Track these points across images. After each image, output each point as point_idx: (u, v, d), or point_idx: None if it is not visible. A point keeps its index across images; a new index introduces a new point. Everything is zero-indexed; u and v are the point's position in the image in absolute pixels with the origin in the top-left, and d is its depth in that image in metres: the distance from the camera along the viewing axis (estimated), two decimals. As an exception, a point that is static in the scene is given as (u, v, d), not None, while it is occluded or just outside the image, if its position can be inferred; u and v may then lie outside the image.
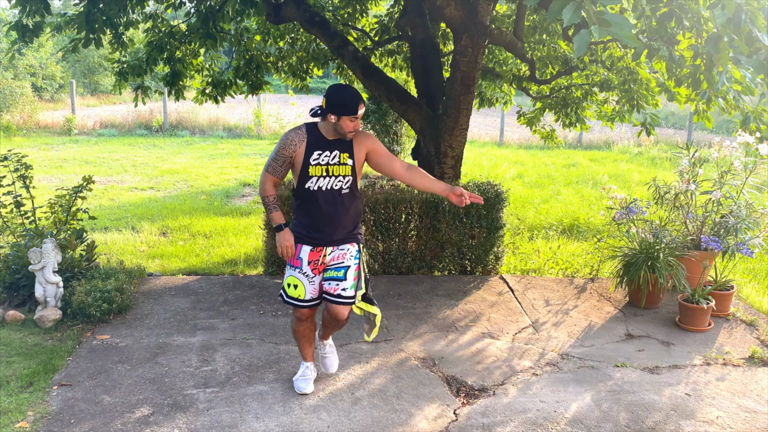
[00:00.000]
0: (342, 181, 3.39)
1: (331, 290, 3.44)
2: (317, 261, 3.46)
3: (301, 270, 3.45)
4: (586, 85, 7.36)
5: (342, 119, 3.29)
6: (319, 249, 3.45)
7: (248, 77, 7.58)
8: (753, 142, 5.04)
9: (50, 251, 4.54)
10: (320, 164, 3.36)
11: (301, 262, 3.45)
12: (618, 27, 2.32)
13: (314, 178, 3.36)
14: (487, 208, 5.54)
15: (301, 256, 3.45)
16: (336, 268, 3.44)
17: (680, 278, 4.86)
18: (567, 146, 15.54)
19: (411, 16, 6.16)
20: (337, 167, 3.37)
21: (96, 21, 5.57)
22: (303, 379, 3.68)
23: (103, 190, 9.37)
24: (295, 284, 3.46)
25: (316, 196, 3.38)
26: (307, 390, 3.63)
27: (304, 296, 3.47)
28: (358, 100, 3.29)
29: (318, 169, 3.36)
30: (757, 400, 3.72)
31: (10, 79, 16.57)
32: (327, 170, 3.37)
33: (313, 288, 3.47)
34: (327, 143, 3.37)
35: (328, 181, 3.38)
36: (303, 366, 3.73)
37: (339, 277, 3.43)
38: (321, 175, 3.36)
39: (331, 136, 3.37)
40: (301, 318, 3.56)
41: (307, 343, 3.68)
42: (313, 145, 3.36)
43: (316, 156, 3.36)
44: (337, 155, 3.37)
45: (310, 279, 3.46)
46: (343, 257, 3.45)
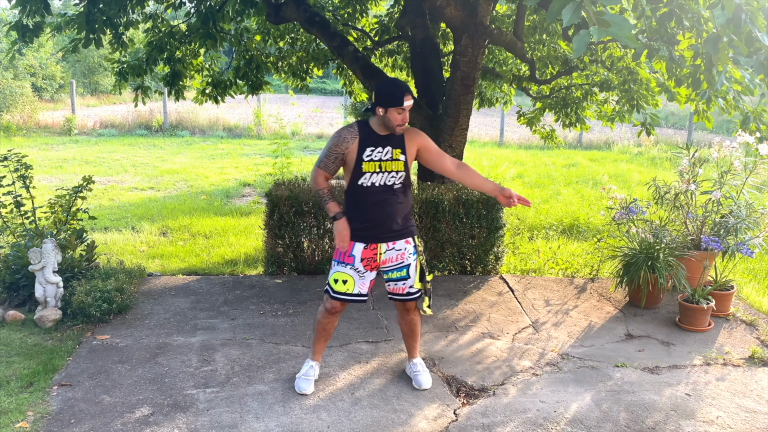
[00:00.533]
0: (395, 176, 3.42)
1: (398, 290, 3.55)
2: (371, 258, 3.48)
3: (353, 267, 3.47)
4: (586, 85, 7.36)
5: (389, 111, 3.32)
6: (373, 247, 3.46)
7: (248, 77, 7.58)
8: (753, 142, 5.04)
9: (50, 251, 4.54)
10: (373, 160, 3.39)
11: (354, 259, 3.47)
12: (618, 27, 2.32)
13: (368, 174, 3.39)
14: (487, 208, 5.54)
15: (353, 254, 3.46)
16: (398, 269, 3.51)
17: (680, 278, 4.86)
18: (567, 146, 15.54)
19: (411, 16, 6.16)
20: (389, 163, 3.40)
21: (96, 21, 5.57)
22: (305, 379, 3.68)
23: (103, 190, 9.37)
24: (344, 279, 3.49)
25: (369, 192, 3.41)
26: (307, 390, 3.63)
27: (352, 290, 3.50)
28: (404, 91, 3.31)
29: (371, 165, 3.39)
30: (757, 400, 3.72)
31: (10, 79, 16.58)
32: (380, 166, 3.39)
33: (362, 283, 3.51)
34: (379, 139, 3.40)
35: (381, 177, 3.40)
36: (307, 364, 3.73)
37: (403, 276, 3.52)
38: (374, 171, 3.39)
39: (383, 132, 3.40)
40: (332, 310, 3.58)
41: (323, 338, 3.71)
42: (365, 141, 3.39)
43: (369, 152, 3.38)
44: (389, 151, 3.41)
45: (362, 275, 3.49)
46: (402, 257, 3.50)
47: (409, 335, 3.78)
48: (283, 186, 5.64)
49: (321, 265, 5.61)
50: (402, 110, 3.31)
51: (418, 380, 3.75)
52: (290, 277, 5.55)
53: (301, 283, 5.41)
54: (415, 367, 3.80)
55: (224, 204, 8.78)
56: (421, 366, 3.81)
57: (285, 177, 8.75)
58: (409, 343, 3.81)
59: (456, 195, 5.50)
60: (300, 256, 5.59)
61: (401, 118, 3.33)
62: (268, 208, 5.52)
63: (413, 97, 3.36)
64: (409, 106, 3.33)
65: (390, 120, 3.34)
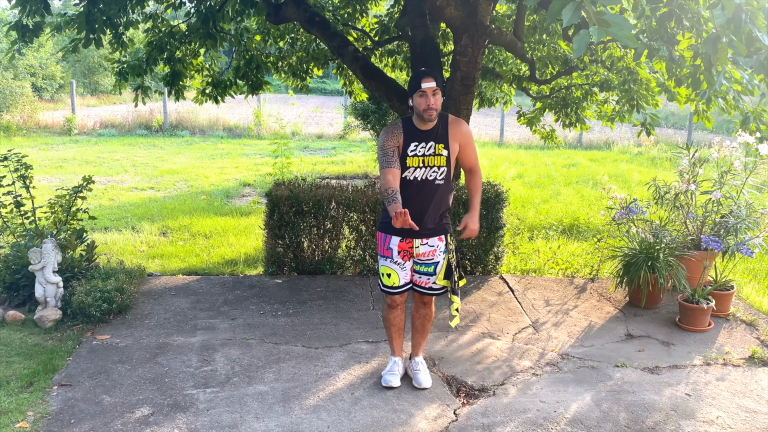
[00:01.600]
0: (437, 171, 3.45)
1: (422, 283, 3.62)
2: (407, 251, 3.53)
3: (392, 259, 3.54)
4: (586, 85, 7.36)
5: (414, 99, 3.36)
6: (408, 240, 3.51)
7: (248, 77, 7.58)
8: (753, 142, 5.04)
9: (50, 251, 4.54)
10: (417, 155, 3.42)
11: (392, 252, 3.53)
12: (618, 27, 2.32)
13: (411, 168, 3.43)
14: (487, 208, 5.54)
15: (391, 247, 3.52)
16: (427, 264, 3.57)
17: (680, 278, 4.86)
18: (567, 146, 15.54)
19: (411, 16, 6.16)
20: (432, 158, 3.43)
21: (96, 21, 5.57)
22: (390, 373, 3.76)
23: (103, 190, 9.37)
24: (389, 273, 3.56)
25: (411, 185, 3.44)
26: (393, 383, 3.71)
27: (398, 282, 3.57)
28: (422, 74, 3.33)
29: (415, 160, 3.42)
30: (757, 400, 3.72)
31: (10, 79, 16.57)
32: (423, 161, 3.42)
33: (405, 273, 3.58)
34: (421, 134, 3.43)
35: (423, 172, 3.43)
36: (391, 361, 3.82)
37: (429, 272, 3.58)
38: (417, 165, 3.42)
39: (423, 126, 3.42)
40: (392, 305, 3.66)
41: (397, 333, 3.76)
42: (409, 137, 3.43)
43: (413, 147, 3.42)
44: (432, 146, 3.43)
45: (402, 266, 3.56)
46: (433, 254, 3.55)
47: (419, 330, 3.80)
48: (283, 186, 5.64)
49: (321, 265, 5.61)
50: (423, 93, 3.31)
51: (418, 379, 3.76)
52: (290, 277, 5.55)
53: (301, 283, 5.41)
54: (416, 366, 3.81)
55: (224, 204, 8.78)
56: (422, 365, 3.82)
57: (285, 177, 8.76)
58: (417, 339, 3.83)
59: (456, 195, 5.49)
60: (300, 256, 5.59)
61: (424, 102, 3.33)
62: (268, 208, 5.52)
63: (436, 79, 3.32)
64: (430, 88, 3.30)
65: (417, 107, 3.36)
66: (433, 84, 3.31)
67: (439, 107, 3.38)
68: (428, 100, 3.32)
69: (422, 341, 3.83)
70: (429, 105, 3.33)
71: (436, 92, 3.33)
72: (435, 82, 3.31)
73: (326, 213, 5.47)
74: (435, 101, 3.33)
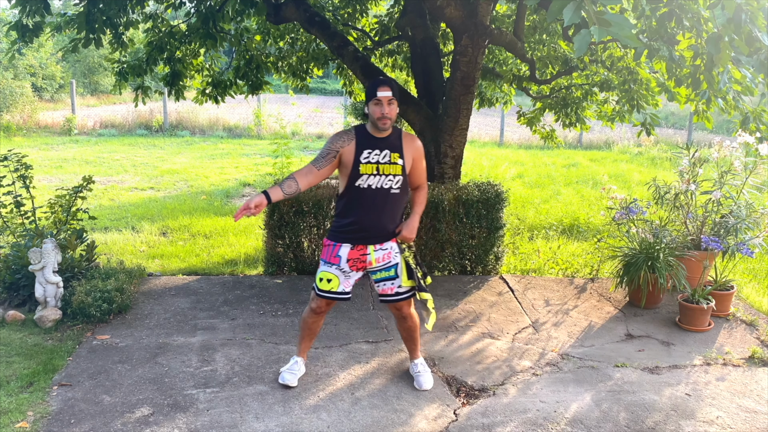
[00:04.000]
0: (392, 180, 3.41)
1: (387, 291, 3.53)
2: (357, 259, 3.47)
3: (338, 267, 3.48)
4: (586, 85, 7.36)
5: (369, 106, 3.35)
6: (360, 248, 3.46)
7: (248, 77, 7.58)
8: (753, 142, 5.04)
9: (50, 251, 4.54)
10: (371, 162, 3.38)
11: (340, 259, 3.47)
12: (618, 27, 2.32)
13: (365, 176, 3.38)
14: (487, 208, 5.54)
15: (339, 254, 3.46)
16: (386, 269, 3.50)
17: (680, 278, 4.86)
18: (567, 146, 15.54)
19: (411, 16, 6.16)
20: (387, 166, 3.39)
21: (96, 21, 5.57)
22: (290, 372, 3.71)
23: (103, 190, 9.37)
24: (329, 278, 3.49)
25: (365, 194, 3.40)
26: (290, 383, 3.66)
27: (337, 288, 3.51)
28: (379, 83, 3.32)
29: (369, 167, 3.38)
30: (757, 400, 3.72)
31: (10, 79, 16.57)
32: (378, 168, 3.39)
33: (347, 281, 3.52)
34: (376, 142, 3.41)
35: (378, 180, 3.39)
36: (293, 360, 3.78)
37: (391, 276, 3.50)
38: (372, 173, 3.38)
39: (378, 134, 3.40)
40: (317, 310, 3.60)
41: (308, 336, 3.73)
42: (362, 144, 3.39)
43: (366, 154, 3.38)
44: (387, 154, 3.40)
45: (347, 274, 3.50)
46: (389, 256, 3.50)
47: (408, 340, 3.78)
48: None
49: (321, 265, 5.61)
50: (378, 101, 3.30)
51: (419, 381, 3.74)
52: (290, 277, 5.55)
53: (301, 283, 5.41)
54: (416, 368, 3.80)
55: (224, 204, 8.77)
56: (423, 367, 3.81)
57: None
58: (409, 347, 3.83)
59: (456, 195, 5.50)
60: (300, 256, 5.59)
61: (379, 110, 3.31)
62: (268, 208, 5.52)
63: (392, 88, 3.32)
64: (385, 97, 3.30)
65: (371, 114, 3.35)
66: (389, 93, 3.30)
67: (394, 117, 3.36)
68: (383, 109, 3.31)
69: (415, 346, 3.80)
70: (384, 113, 3.31)
71: (392, 101, 3.32)
72: (391, 91, 3.31)
73: (326, 213, 5.47)
74: (390, 110, 3.32)
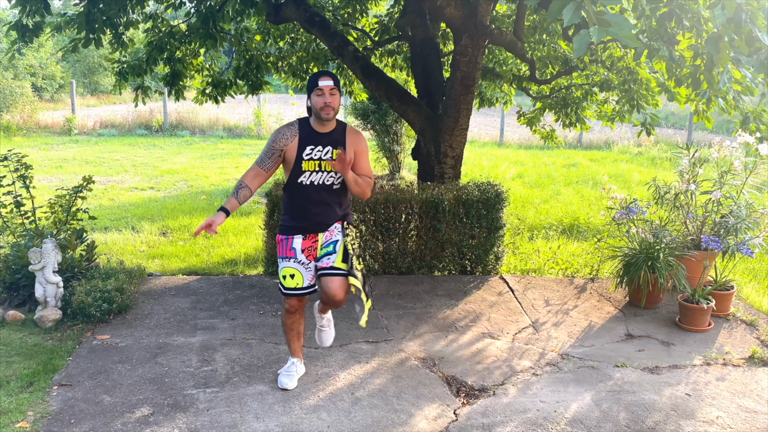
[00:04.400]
0: (333, 176, 3.43)
1: (324, 264, 3.47)
2: (311, 248, 3.50)
3: (296, 259, 3.49)
4: (586, 85, 7.36)
5: (312, 98, 3.35)
6: (312, 236, 3.50)
7: (248, 77, 7.58)
8: (753, 142, 5.04)
9: (50, 251, 4.54)
10: (313, 159, 3.40)
11: (295, 252, 3.48)
12: (618, 27, 2.32)
13: (307, 172, 3.41)
14: (487, 208, 5.54)
15: (294, 247, 3.48)
16: (326, 245, 3.49)
17: (680, 278, 4.86)
18: (567, 146, 15.54)
19: (411, 16, 6.16)
20: (329, 162, 3.40)
21: (96, 21, 5.57)
22: (287, 375, 3.71)
23: (103, 190, 9.37)
24: (292, 274, 3.48)
25: (307, 190, 3.43)
26: (288, 386, 3.65)
27: (302, 284, 3.50)
28: (319, 74, 3.35)
29: (311, 164, 3.40)
30: (757, 400, 3.72)
31: (10, 79, 16.57)
32: (319, 165, 3.41)
33: (310, 274, 3.51)
34: (319, 137, 3.41)
35: (320, 176, 3.42)
36: (289, 361, 3.77)
37: (329, 252, 3.47)
38: (314, 169, 3.41)
39: (321, 129, 3.41)
40: (290, 310, 3.59)
41: (295, 336, 3.72)
42: (305, 140, 3.41)
43: (308, 151, 3.40)
44: (330, 150, 3.41)
45: (306, 266, 3.50)
46: (332, 234, 3.51)
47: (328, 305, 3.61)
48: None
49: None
50: (320, 91, 3.31)
51: (321, 336, 3.79)
52: (290, 277, 5.54)
53: (301, 283, 5.40)
54: (321, 322, 3.78)
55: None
56: (328, 322, 3.79)
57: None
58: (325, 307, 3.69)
59: (456, 195, 5.50)
60: (300, 256, 5.58)
61: (321, 100, 3.32)
62: (268, 208, 5.52)
63: (334, 79, 3.34)
64: (327, 86, 3.31)
65: (314, 106, 3.35)
66: (331, 83, 3.32)
67: (337, 107, 3.37)
68: (325, 98, 3.32)
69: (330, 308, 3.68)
70: (326, 102, 3.32)
71: (333, 91, 3.33)
72: (332, 81, 3.33)
73: None
74: (332, 100, 3.33)
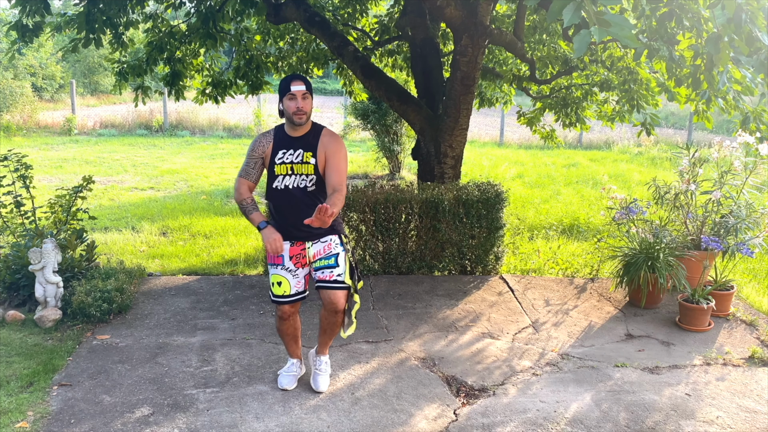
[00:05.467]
0: (306, 179, 3.41)
1: (325, 278, 3.43)
2: (299, 255, 3.48)
3: (283, 266, 3.48)
4: (586, 85, 7.36)
5: (284, 102, 3.35)
6: (299, 243, 3.47)
7: (248, 77, 7.58)
8: (753, 142, 5.04)
9: (50, 251, 4.54)
10: (285, 163, 3.40)
11: (283, 258, 3.47)
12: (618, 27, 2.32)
13: (280, 176, 3.41)
14: (487, 208, 5.54)
15: (281, 254, 3.47)
16: (326, 257, 3.46)
17: (680, 278, 4.86)
18: (567, 146, 15.54)
19: (411, 16, 6.16)
20: (300, 165, 3.39)
21: (96, 21, 5.57)
22: (287, 375, 3.71)
23: (103, 190, 9.37)
24: (279, 281, 3.48)
25: (283, 194, 3.43)
26: (288, 386, 3.65)
27: (289, 291, 3.49)
28: (291, 78, 3.34)
29: (283, 167, 3.40)
30: (757, 400, 3.72)
31: (10, 79, 16.57)
32: (291, 168, 3.40)
33: (297, 282, 3.50)
34: (291, 141, 3.42)
35: (293, 180, 3.41)
36: (289, 362, 3.78)
37: (331, 264, 3.45)
38: (286, 173, 3.41)
39: (294, 133, 3.41)
40: (283, 317, 3.57)
41: (292, 341, 3.70)
42: (278, 144, 3.42)
43: (280, 155, 3.41)
44: (300, 154, 3.40)
45: (294, 273, 3.49)
46: (329, 248, 3.47)
47: (326, 332, 3.58)
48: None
49: (321, 265, 5.61)
50: (293, 96, 3.31)
51: (316, 380, 3.66)
52: (290, 277, 5.54)
53: (301, 283, 5.40)
54: (319, 364, 3.71)
55: (224, 204, 8.77)
56: (326, 366, 3.73)
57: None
58: (323, 340, 3.65)
59: (456, 195, 5.50)
60: (300, 256, 5.58)
61: (294, 105, 3.32)
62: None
63: (306, 83, 3.34)
64: (299, 91, 3.30)
65: (286, 110, 3.35)
66: (303, 87, 3.31)
67: (309, 111, 3.36)
68: (298, 103, 3.31)
69: (328, 341, 3.68)
70: (299, 107, 3.32)
71: (306, 96, 3.33)
72: (305, 85, 3.32)
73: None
74: (304, 104, 3.33)
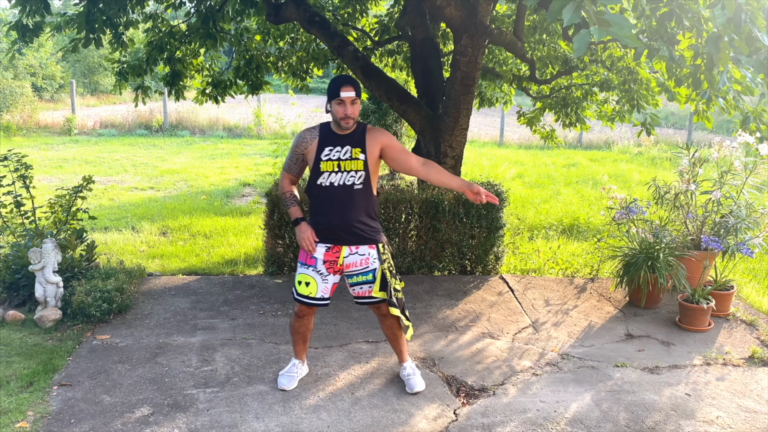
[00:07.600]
0: (354, 176, 3.38)
1: (363, 294, 3.48)
2: (333, 261, 3.44)
3: (315, 268, 3.45)
4: (586, 85, 7.36)
5: (332, 105, 3.33)
6: (335, 249, 3.44)
7: (248, 77, 7.58)
8: (753, 142, 5.04)
9: (50, 251, 4.54)
10: (331, 159, 3.37)
11: (316, 261, 3.44)
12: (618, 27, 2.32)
13: (326, 173, 3.37)
14: (487, 208, 5.54)
15: (316, 255, 3.44)
16: (363, 273, 3.45)
17: (680, 278, 4.86)
18: (567, 146, 15.54)
19: (411, 16, 6.16)
20: (348, 162, 3.37)
21: (96, 21, 5.57)
22: (287, 375, 3.70)
23: (103, 190, 9.37)
24: (307, 281, 3.46)
25: (328, 191, 3.38)
26: (287, 387, 3.65)
27: (315, 293, 3.47)
28: (341, 82, 3.29)
29: (329, 164, 3.37)
30: (757, 400, 3.72)
31: (10, 79, 16.56)
32: (339, 165, 3.37)
33: (325, 286, 3.47)
34: (338, 138, 3.39)
35: (340, 177, 3.37)
36: (291, 362, 3.77)
37: (368, 280, 3.45)
38: (333, 170, 3.37)
39: (341, 131, 3.39)
40: (299, 314, 3.57)
41: (301, 340, 3.70)
42: (324, 141, 3.39)
43: (327, 152, 3.37)
44: (348, 150, 3.37)
45: (324, 277, 3.46)
46: (366, 262, 3.44)
47: (393, 340, 3.71)
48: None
49: (321, 265, 5.61)
50: (341, 101, 3.29)
51: (410, 384, 3.68)
52: (290, 277, 5.54)
53: (301, 283, 5.40)
54: (405, 371, 3.75)
55: (224, 204, 8.77)
56: (412, 369, 3.76)
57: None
58: (396, 348, 3.75)
59: (456, 195, 5.50)
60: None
61: (342, 110, 3.30)
62: (268, 208, 5.52)
63: (355, 88, 3.31)
64: (348, 98, 3.28)
65: (334, 114, 3.34)
66: (353, 93, 3.29)
67: (357, 116, 3.35)
68: (346, 109, 3.29)
69: (401, 348, 3.74)
70: (347, 113, 3.30)
71: (355, 102, 3.31)
72: (354, 91, 3.30)
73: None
74: (353, 110, 3.31)
